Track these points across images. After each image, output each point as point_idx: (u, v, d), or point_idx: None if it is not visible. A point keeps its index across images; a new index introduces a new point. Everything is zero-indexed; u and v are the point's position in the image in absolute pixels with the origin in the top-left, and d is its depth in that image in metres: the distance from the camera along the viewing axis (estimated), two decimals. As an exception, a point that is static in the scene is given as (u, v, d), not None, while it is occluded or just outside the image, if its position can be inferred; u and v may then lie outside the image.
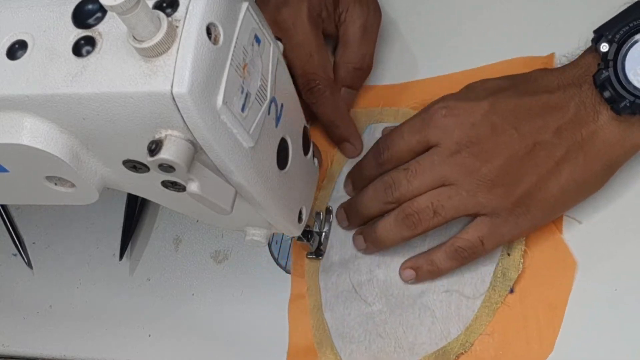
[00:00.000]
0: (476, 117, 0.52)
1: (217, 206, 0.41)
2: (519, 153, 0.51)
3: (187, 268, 0.63)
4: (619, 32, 0.50)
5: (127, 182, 0.44)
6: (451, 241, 0.54)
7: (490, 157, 0.51)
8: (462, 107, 0.53)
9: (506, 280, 0.54)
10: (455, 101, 0.54)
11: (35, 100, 0.38)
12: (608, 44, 0.50)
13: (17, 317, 0.65)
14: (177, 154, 0.36)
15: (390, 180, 0.54)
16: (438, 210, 0.52)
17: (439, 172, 0.52)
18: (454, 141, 0.52)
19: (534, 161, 0.51)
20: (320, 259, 0.60)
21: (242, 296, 0.61)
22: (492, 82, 0.55)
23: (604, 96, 0.50)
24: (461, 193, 0.52)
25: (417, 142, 0.54)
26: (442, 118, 0.53)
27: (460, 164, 0.52)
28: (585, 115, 0.51)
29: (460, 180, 0.52)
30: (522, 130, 0.51)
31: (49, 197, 0.45)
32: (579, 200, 0.54)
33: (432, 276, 0.56)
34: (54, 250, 0.67)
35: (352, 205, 0.59)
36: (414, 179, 0.53)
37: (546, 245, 0.55)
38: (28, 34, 0.39)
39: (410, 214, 0.53)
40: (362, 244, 0.58)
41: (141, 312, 0.63)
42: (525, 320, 0.53)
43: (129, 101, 0.36)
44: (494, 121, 0.52)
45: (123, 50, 0.36)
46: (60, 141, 0.39)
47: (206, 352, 0.60)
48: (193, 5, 0.36)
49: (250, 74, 0.39)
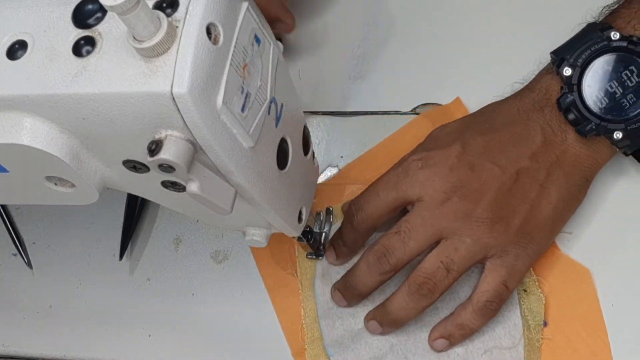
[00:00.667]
0: (452, 161, 0.52)
1: (217, 206, 0.41)
2: (506, 185, 0.51)
3: (187, 268, 0.63)
4: (581, 55, 0.51)
5: (127, 182, 0.44)
6: (475, 298, 0.52)
7: (479, 195, 0.51)
8: (436, 156, 0.52)
9: (536, 316, 0.54)
10: (426, 152, 0.53)
11: (35, 100, 0.38)
12: (571, 68, 0.51)
13: (17, 317, 0.65)
14: (177, 154, 0.36)
15: (383, 249, 0.52)
16: (450, 267, 0.51)
17: (434, 226, 0.51)
18: (439, 190, 0.51)
19: (520, 189, 0.51)
20: (320, 259, 0.60)
21: (242, 296, 0.61)
22: (451, 125, 0.55)
23: (568, 119, 0.51)
24: (466, 241, 0.51)
25: (393, 200, 0.53)
26: (418, 170, 0.52)
27: (454, 211, 0.51)
28: (553, 137, 0.52)
29: (459, 228, 0.51)
30: (501, 163, 0.51)
31: (49, 197, 0.45)
32: (570, 215, 0.54)
33: (465, 339, 0.54)
34: (54, 250, 0.67)
35: (347, 284, 0.56)
36: (409, 240, 0.51)
37: (553, 266, 0.55)
38: (28, 34, 0.39)
39: (423, 283, 0.51)
40: (378, 328, 0.55)
41: (141, 312, 0.63)
42: (572, 343, 0.53)
43: (129, 101, 0.36)
44: (470, 161, 0.51)
45: (123, 50, 0.36)
46: (60, 141, 0.39)
47: (206, 352, 0.60)
48: (193, 5, 0.36)
49: (250, 74, 0.39)
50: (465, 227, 0.51)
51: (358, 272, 0.54)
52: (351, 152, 0.63)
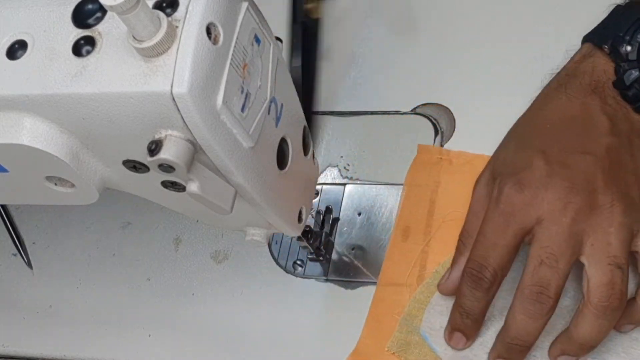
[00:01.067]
0: (544, 171, 0.48)
1: (217, 206, 0.41)
2: (605, 165, 0.48)
3: (187, 268, 0.63)
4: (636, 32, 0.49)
5: (127, 182, 0.44)
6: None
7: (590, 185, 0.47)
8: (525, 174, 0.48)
9: None
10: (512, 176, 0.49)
11: (35, 100, 0.38)
12: (629, 45, 0.49)
13: (17, 317, 0.65)
14: (177, 154, 0.36)
15: (537, 288, 0.46)
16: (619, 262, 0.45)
17: (571, 235, 0.46)
18: (553, 201, 0.46)
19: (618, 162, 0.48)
20: (321, 259, 0.60)
21: (242, 296, 0.61)
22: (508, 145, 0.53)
23: (628, 95, 0.50)
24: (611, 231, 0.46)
25: (513, 237, 0.47)
26: (520, 195, 0.47)
27: (580, 212, 0.46)
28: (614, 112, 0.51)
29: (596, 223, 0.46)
30: (587, 149, 0.49)
31: (49, 197, 0.45)
32: None
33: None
34: (54, 250, 0.67)
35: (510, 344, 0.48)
36: (556, 263, 0.46)
37: None
38: (28, 34, 0.39)
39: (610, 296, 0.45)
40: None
41: (141, 312, 0.63)
42: None
43: (129, 101, 0.36)
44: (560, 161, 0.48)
45: (123, 50, 0.36)
46: (60, 141, 0.39)
47: (206, 352, 0.60)
48: (193, 5, 0.36)
49: (250, 74, 0.39)
50: (600, 219, 0.46)
51: (519, 326, 0.47)
52: (351, 152, 0.63)
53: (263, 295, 0.60)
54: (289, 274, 0.61)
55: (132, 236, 0.66)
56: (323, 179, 0.63)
